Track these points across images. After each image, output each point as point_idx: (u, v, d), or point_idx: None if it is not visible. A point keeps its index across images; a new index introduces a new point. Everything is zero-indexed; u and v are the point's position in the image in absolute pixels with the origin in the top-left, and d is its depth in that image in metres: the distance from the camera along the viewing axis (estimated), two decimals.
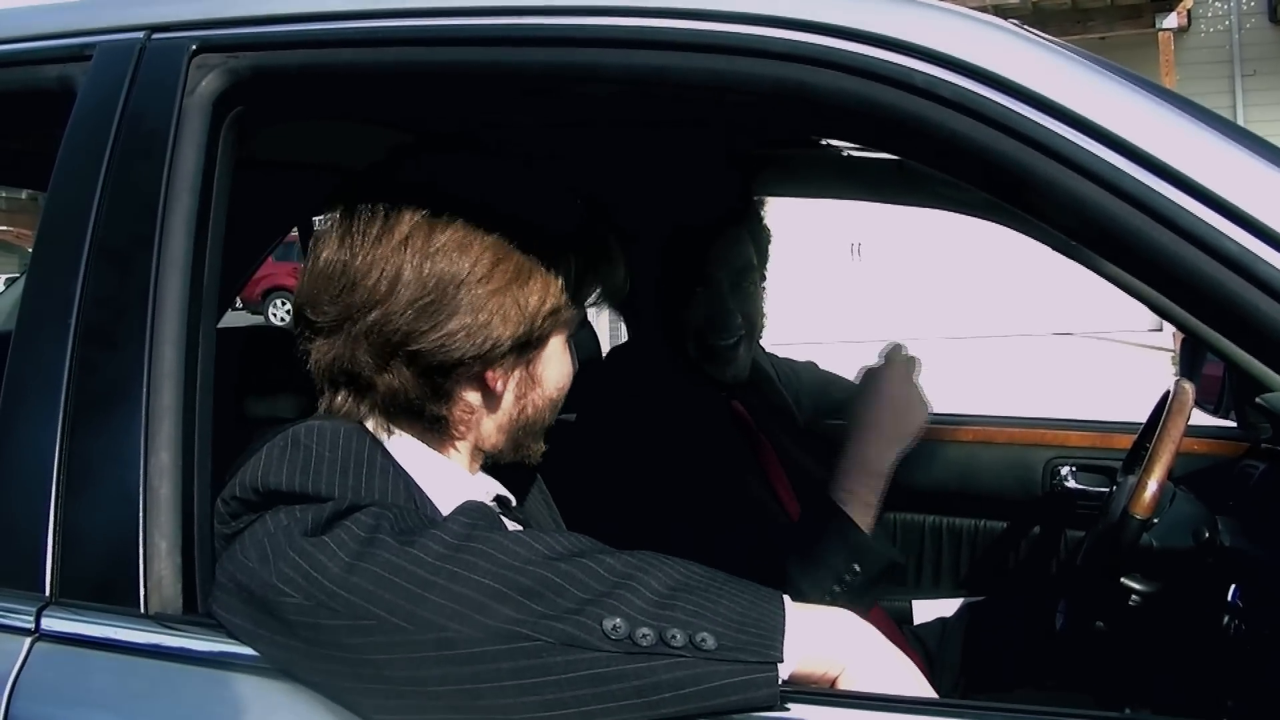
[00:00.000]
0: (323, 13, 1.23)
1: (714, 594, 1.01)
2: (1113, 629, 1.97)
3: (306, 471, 1.13)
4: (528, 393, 1.33)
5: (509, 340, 1.26)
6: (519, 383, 1.32)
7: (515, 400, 1.33)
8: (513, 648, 0.96)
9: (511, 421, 1.33)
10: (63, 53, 1.33)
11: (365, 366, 1.23)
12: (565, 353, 1.37)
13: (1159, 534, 1.88)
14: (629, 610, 0.97)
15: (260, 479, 1.12)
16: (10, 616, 1.12)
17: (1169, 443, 1.84)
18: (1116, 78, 1.01)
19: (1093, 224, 0.98)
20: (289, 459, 1.14)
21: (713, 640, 0.96)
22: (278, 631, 1.02)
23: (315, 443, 1.16)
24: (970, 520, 2.74)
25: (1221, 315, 0.96)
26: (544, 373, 1.34)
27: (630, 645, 0.96)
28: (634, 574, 1.01)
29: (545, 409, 1.35)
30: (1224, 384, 2.43)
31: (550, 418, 1.37)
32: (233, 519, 1.13)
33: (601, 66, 1.15)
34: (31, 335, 1.21)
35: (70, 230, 1.21)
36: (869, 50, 1.03)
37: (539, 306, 1.28)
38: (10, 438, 1.18)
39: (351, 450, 1.17)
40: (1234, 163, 0.96)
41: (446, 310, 1.22)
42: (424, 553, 1.00)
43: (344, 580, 0.99)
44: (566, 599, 0.98)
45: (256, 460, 1.14)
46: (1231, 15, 14.83)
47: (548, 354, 1.34)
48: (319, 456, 1.14)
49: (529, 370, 1.33)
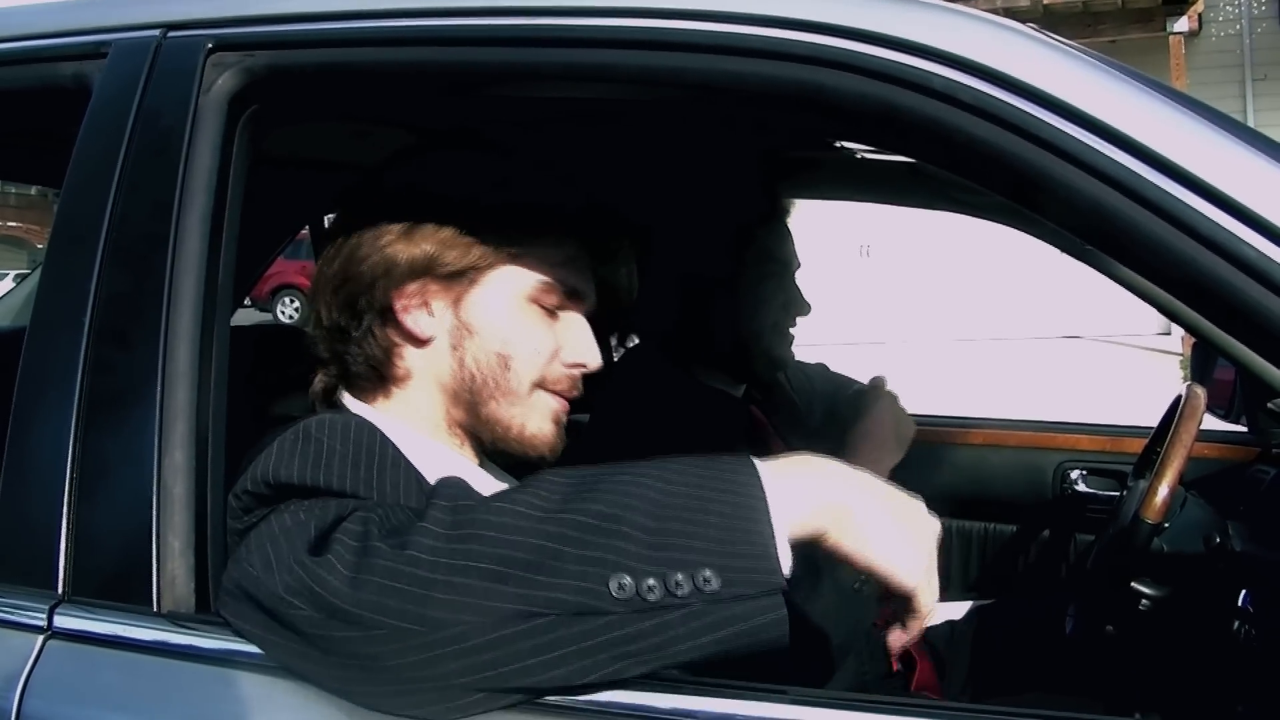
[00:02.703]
0: (339, 11, 1.23)
1: (698, 507, 0.99)
2: (1123, 633, 1.96)
3: (318, 465, 1.13)
4: (463, 340, 1.31)
5: (406, 260, 1.28)
6: (452, 331, 1.32)
7: (452, 350, 1.32)
8: (528, 627, 0.95)
9: (458, 380, 1.32)
10: (78, 50, 1.33)
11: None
12: (522, 311, 1.33)
13: (1170, 538, 1.87)
14: (629, 562, 0.96)
15: (272, 473, 1.12)
16: (23, 614, 1.12)
17: (1180, 447, 1.84)
18: (1134, 82, 1.01)
19: (1110, 229, 0.98)
20: (300, 453, 1.14)
21: (716, 579, 0.95)
22: (291, 639, 1.02)
23: (326, 436, 1.16)
24: (980, 523, 2.74)
25: (1238, 320, 0.96)
26: (479, 320, 1.31)
27: (639, 603, 0.95)
28: (620, 515, 0.98)
29: (495, 367, 1.31)
30: (1235, 389, 2.43)
31: (520, 390, 1.32)
32: (245, 514, 1.13)
33: (619, 68, 1.15)
34: (46, 333, 1.21)
35: (85, 228, 1.21)
36: (887, 54, 1.03)
37: (459, 242, 1.29)
38: (24, 436, 1.18)
39: (363, 444, 1.18)
40: (1252, 168, 0.95)
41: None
42: (419, 551, 0.99)
43: (349, 595, 0.98)
44: (567, 562, 0.96)
45: (268, 454, 1.14)
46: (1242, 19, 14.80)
47: (482, 298, 1.31)
48: (330, 450, 1.15)
49: (459, 313, 1.32)
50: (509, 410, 1.32)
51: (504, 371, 1.31)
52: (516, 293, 1.33)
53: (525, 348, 1.32)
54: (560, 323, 1.36)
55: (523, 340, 1.32)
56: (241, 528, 1.13)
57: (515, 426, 1.33)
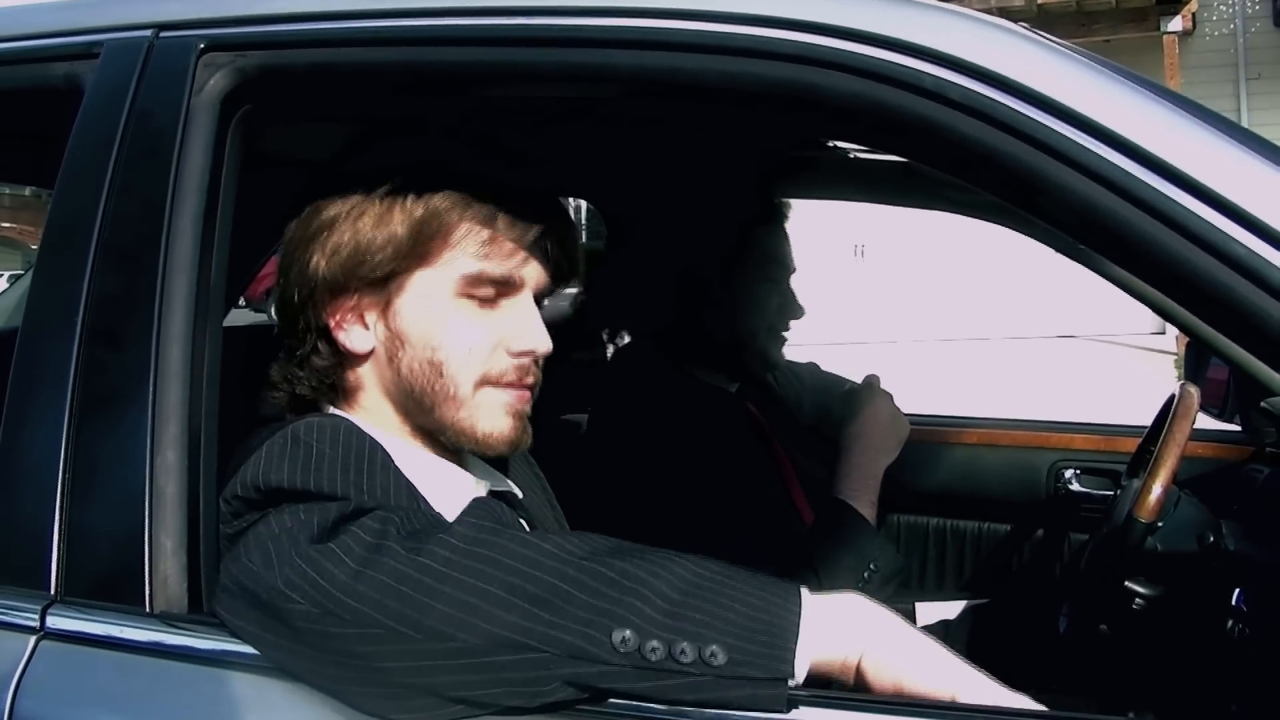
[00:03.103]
0: (331, 12, 1.23)
1: (727, 596, 0.99)
2: (1116, 632, 1.96)
3: (308, 469, 1.13)
4: (398, 351, 1.28)
5: (326, 278, 1.27)
6: (386, 342, 1.29)
7: (389, 362, 1.29)
8: (520, 658, 0.96)
9: (402, 391, 1.30)
10: (70, 50, 1.33)
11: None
12: (451, 310, 1.29)
13: (1163, 537, 1.87)
14: (639, 621, 0.96)
15: (262, 477, 1.12)
16: (15, 614, 1.12)
17: (1174, 446, 1.84)
18: (1126, 81, 1.01)
19: (1102, 228, 0.98)
20: (290, 456, 1.14)
21: (723, 655, 0.95)
22: (284, 636, 1.02)
23: (316, 439, 1.16)
24: (974, 523, 2.74)
25: (1230, 319, 0.96)
26: (408, 327, 1.28)
27: (639, 659, 0.95)
28: (645, 579, 0.99)
29: (429, 374, 1.28)
30: (1229, 388, 2.42)
31: (461, 392, 1.29)
32: (235, 518, 1.14)
33: (613, 67, 1.15)
34: (38, 334, 1.21)
35: (77, 229, 1.21)
36: (878, 52, 1.03)
37: (374, 241, 1.26)
38: (16, 436, 1.18)
39: (352, 446, 1.17)
40: (1244, 167, 0.96)
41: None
42: (431, 559, 0.99)
43: (351, 589, 0.99)
44: (575, 606, 0.97)
45: (257, 458, 1.15)
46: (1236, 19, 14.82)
47: (408, 304, 1.28)
48: (320, 454, 1.15)
49: (389, 322, 1.29)
50: (455, 414, 1.29)
51: (439, 378, 1.28)
52: (442, 292, 1.28)
53: (457, 348, 1.28)
54: (500, 311, 1.31)
55: (453, 341, 1.28)
56: (232, 532, 1.13)
57: (466, 429, 1.30)
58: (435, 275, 1.28)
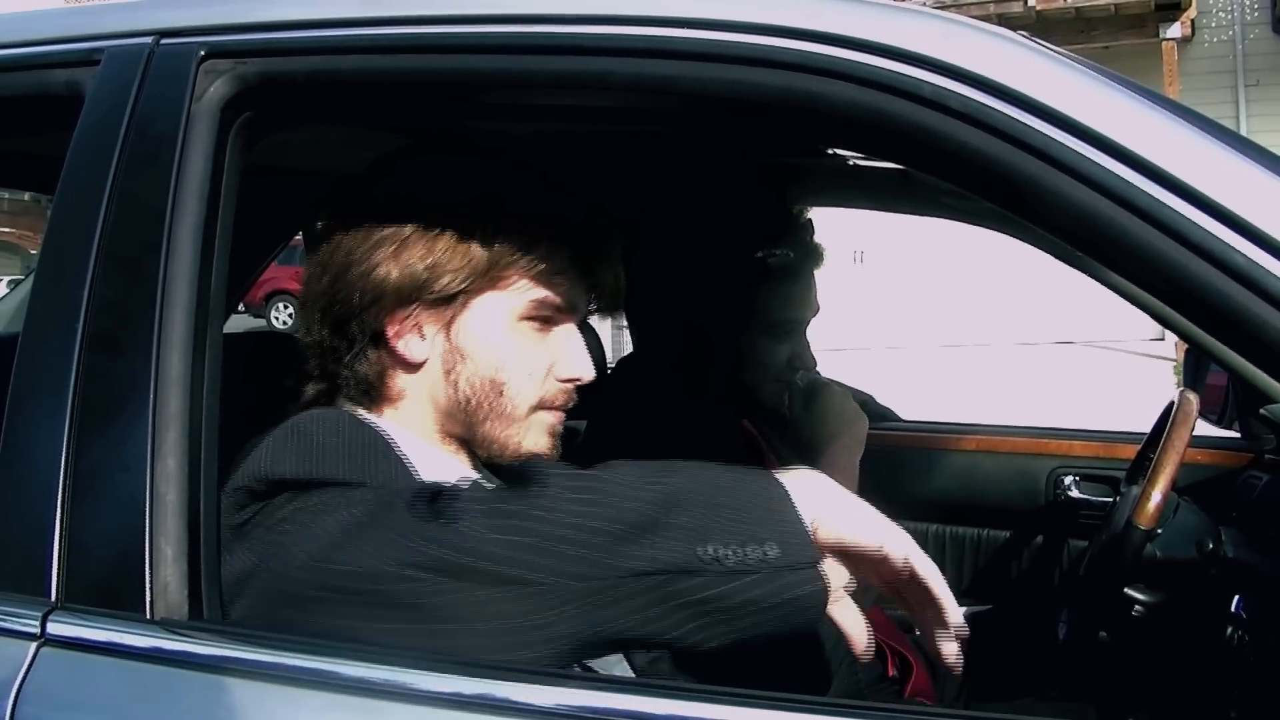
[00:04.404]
0: (332, 19, 1.23)
1: (744, 493, 1.05)
2: (1116, 639, 1.97)
3: (311, 459, 1.15)
4: (456, 365, 1.31)
5: (394, 287, 1.28)
6: (445, 355, 1.32)
7: (445, 374, 1.32)
8: (645, 585, 1.00)
9: (452, 402, 1.32)
10: (71, 57, 1.33)
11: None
12: (515, 332, 1.32)
13: (1162, 544, 1.88)
14: (709, 533, 1.01)
15: (267, 468, 1.15)
16: (16, 621, 1.12)
17: (1173, 453, 1.84)
18: (1125, 90, 1.01)
19: (1101, 236, 0.98)
20: (293, 447, 1.17)
21: (776, 549, 1.01)
22: (400, 619, 1.04)
23: (318, 429, 1.19)
24: (973, 530, 2.74)
25: (1228, 328, 0.96)
26: (472, 344, 1.31)
27: (721, 568, 1.00)
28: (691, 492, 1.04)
29: (488, 391, 1.31)
30: (1228, 395, 2.43)
31: (517, 412, 1.33)
32: (238, 510, 1.15)
33: (612, 75, 1.15)
34: (38, 340, 1.21)
35: (77, 235, 1.21)
36: (877, 61, 1.03)
37: (450, 262, 1.29)
38: (17, 443, 1.18)
39: (355, 437, 1.20)
40: (1243, 176, 0.96)
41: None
42: (546, 512, 1.03)
43: (489, 552, 1.02)
44: (668, 531, 1.01)
45: (260, 451, 1.17)
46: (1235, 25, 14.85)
47: (473, 322, 1.31)
48: (323, 444, 1.17)
49: (450, 337, 1.32)
50: (505, 431, 1.33)
51: (498, 397, 1.32)
52: (508, 313, 1.32)
53: (519, 371, 1.32)
54: (552, 336, 1.36)
55: (517, 364, 1.32)
56: (235, 524, 1.14)
57: (511, 445, 1.34)
58: (502, 298, 1.32)
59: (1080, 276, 2.09)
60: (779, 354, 2.03)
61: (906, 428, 2.93)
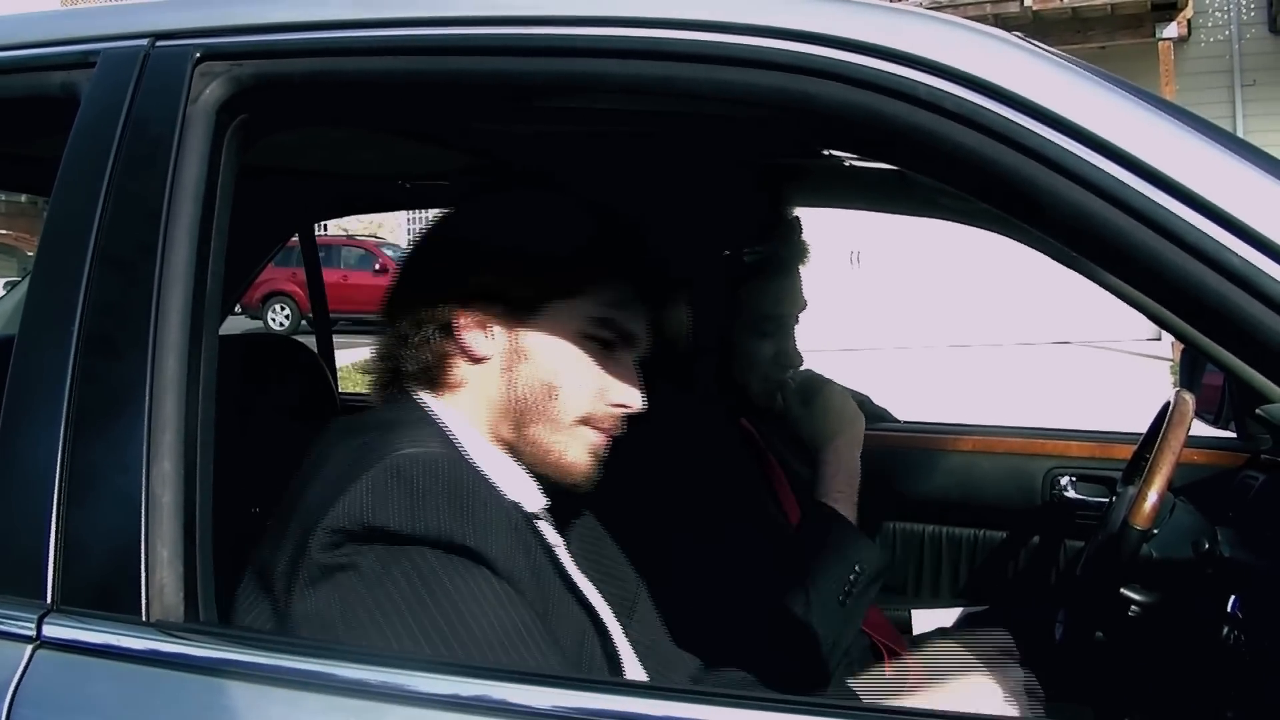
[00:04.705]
0: (327, 21, 1.23)
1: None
2: (1112, 639, 1.97)
3: (414, 508, 1.18)
4: (516, 364, 1.37)
5: (473, 287, 1.37)
6: (506, 354, 1.38)
7: (503, 372, 1.38)
8: None
9: (505, 400, 1.37)
10: (67, 60, 1.32)
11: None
12: (576, 346, 1.39)
13: (1159, 544, 1.88)
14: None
15: (369, 515, 1.17)
16: (11, 623, 1.12)
17: (1169, 453, 1.84)
18: (1120, 91, 1.01)
19: (1096, 237, 0.98)
20: (395, 493, 1.18)
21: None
22: None
23: (419, 474, 1.21)
24: (970, 530, 2.75)
25: (1224, 328, 0.96)
26: (533, 348, 1.37)
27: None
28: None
29: (541, 395, 1.37)
30: (1224, 395, 2.43)
31: (564, 421, 1.38)
32: (334, 549, 1.17)
33: (607, 77, 1.15)
34: (34, 342, 1.21)
35: (73, 237, 1.21)
36: (873, 62, 1.03)
37: (531, 274, 1.38)
38: (12, 444, 1.18)
39: (453, 477, 1.22)
40: (1237, 176, 0.96)
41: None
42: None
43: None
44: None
45: (360, 491, 1.18)
46: (1231, 25, 14.87)
47: (539, 328, 1.38)
48: (425, 490, 1.19)
49: (515, 337, 1.38)
50: (551, 436, 1.38)
51: (550, 400, 1.38)
52: (572, 327, 1.39)
53: (573, 382, 1.38)
54: (610, 361, 1.42)
55: (571, 375, 1.38)
56: (326, 563, 1.17)
57: (555, 452, 1.39)
58: (571, 308, 1.39)
59: (1076, 277, 2.09)
60: (765, 350, 2.03)
61: (903, 428, 2.93)
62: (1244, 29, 14.82)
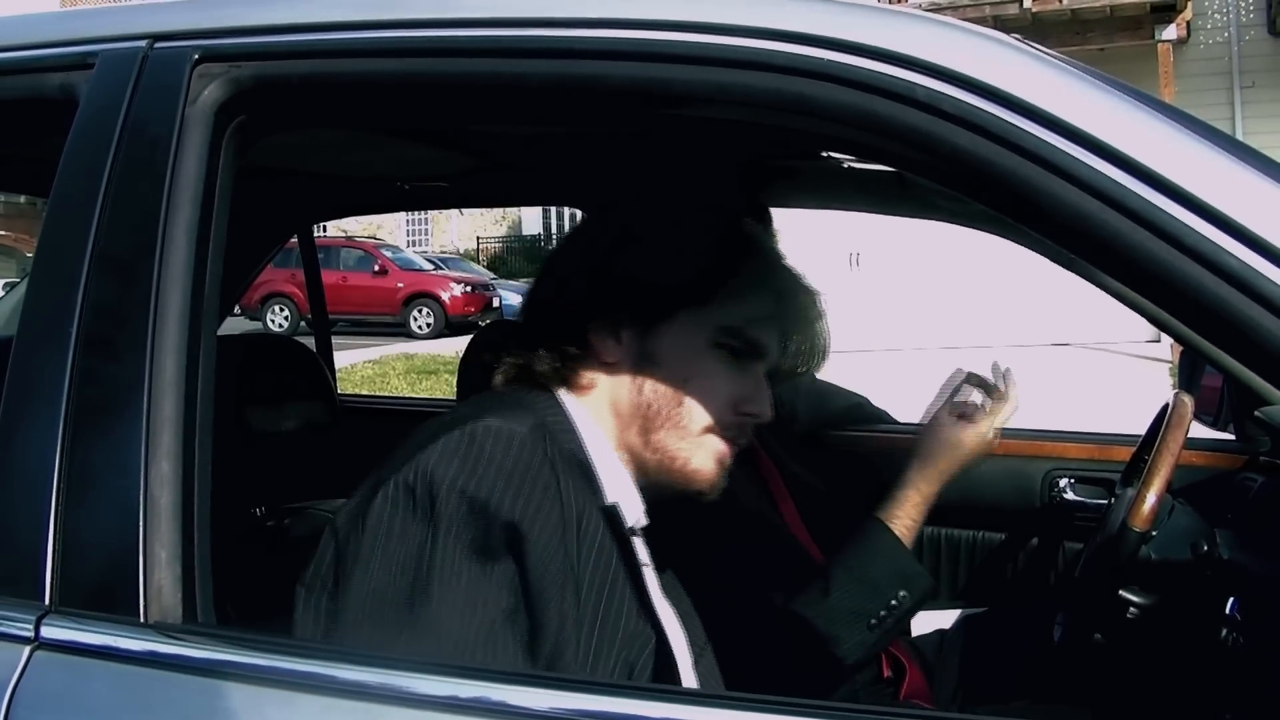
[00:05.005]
0: (325, 23, 1.23)
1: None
2: (1111, 641, 1.96)
3: (473, 470, 1.20)
4: (644, 370, 1.39)
5: (614, 282, 1.39)
6: (636, 359, 1.39)
7: (632, 377, 1.39)
8: None
9: (632, 406, 1.39)
10: (65, 61, 1.32)
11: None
12: (706, 354, 1.40)
13: (1157, 546, 1.88)
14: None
15: (431, 468, 1.20)
16: (9, 624, 1.12)
17: (1168, 455, 1.84)
18: (1119, 93, 1.01)
19: (1094, 239, 0.98)
20: (461, 454, 1.21)
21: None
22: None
23: (491, 443, 1.22)
24: (968, 531, 2.74)
25: (1222, 330, 0.96)
26: (663, 354, 1.39)
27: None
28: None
29: (669, 401, 1.38)
30: (1223, 397, 2.43)
31: (691, 428, 1.39)
32: (389, 496, 1.21)
33: (604, 78, 1.15)
34: (32, 343, 1.21)
35: (72, 238, 1.21)
36: (871, 64, 1.03)
37: (655, 283, 1.39)
38: (10, 445, 1.18)
39: (523, 460, 1.22)
40: (1235, 179, 0.96)
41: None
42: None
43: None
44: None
45: (432, 448, 1.22)
46: (1231, 27, 14.87)
47: (670, 335, 1.39)
48: (489, 458, 1.21)
49: (644, 344, 1.39)
50: (678, 443, 1.39)
51: (677, 407, 1.39)
52: (702, 336, 1.40)
53: (701, 390, 1.39)
54: (739, 373, 1.42)
55: (699, 383, 1.39)
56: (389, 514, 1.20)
57: (681, 459, 1.40)
58: (701, 318, 1.40)
59: (1075, 279, 2.09)
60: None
61: (903, 429, 2.93)
62: (1243, 31, 14.83)
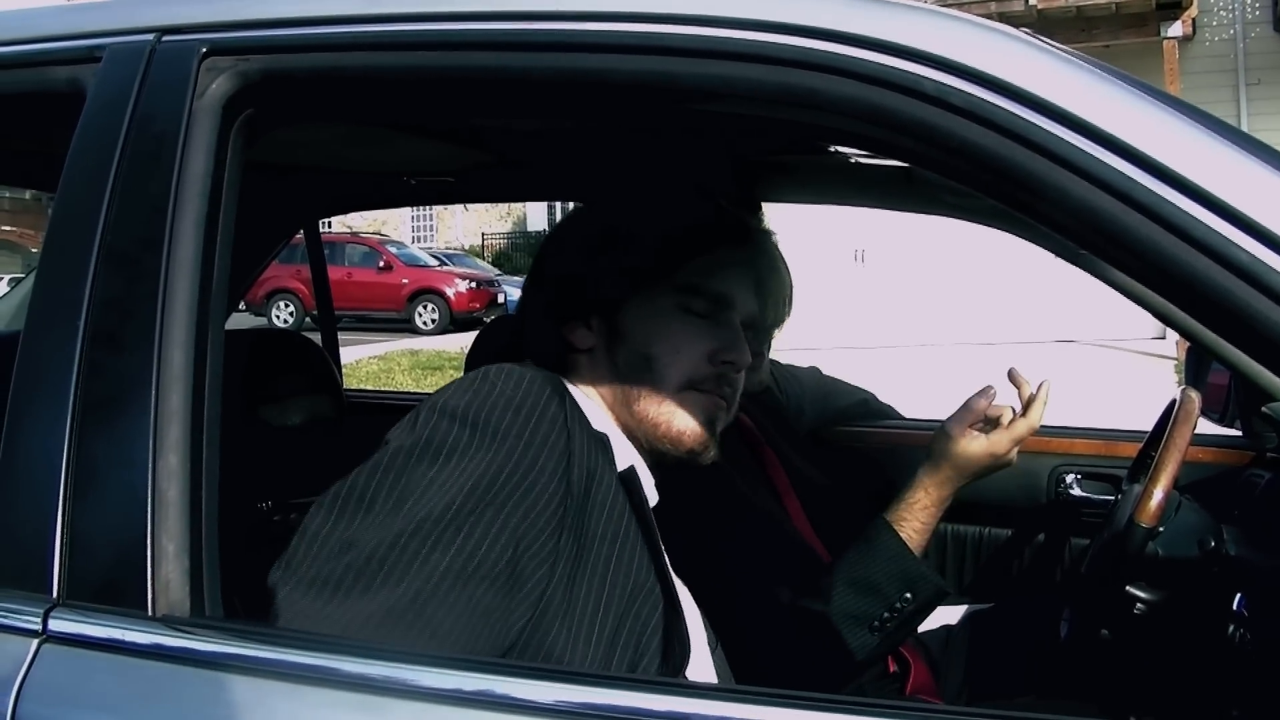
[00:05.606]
0: (333, 16, 1.23)
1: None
2: (1117, 637, 1.96)
3: (484, 401, 1.25)
4: (616, 347, 1.45)
5: (565, 283, 1.47)
6: (607, 337, 1.46)
7: (607, 354, 1.46)
8: None
9: (613, 382, 1.45)
10: (73, 54, 1.33)
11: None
12: (669, 316, 1.45)
13: (1164, 542, 1.87)
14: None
15: (444, 401, 1.26)
16: (17, 618, 1.12)
17: (1175, 451, 1.84)
18: (1128, 86, 1.01)
19: (1104, 233, 0.98)
20: (474, 389, 1.27)
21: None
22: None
23: (503, 380, 1.28)
24: (975, 528, 2.74)
25: (1231, 324, 0.96)
26: (631, 330, 1.45)
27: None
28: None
29: (638, 367, 1.43)
30: (1230, 393, 2.42)
31: (666, 388, 1.43)
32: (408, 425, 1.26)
33: (611, 72, 1.15)
34: (40, 337, 1.21)
35: (79, 232, 1.21)
36: (879, 57, 1.03)
37: (603, 267, 1.45)
38: (18, 439, 1.18)
39: (532, 393, 1.28)
40: (1245, 172, 0.95)
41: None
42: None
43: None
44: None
45: (450, 386, 1.29)
46: (1236, 24, 14.84)
47: (632, 307, 1.45)
48: (500, 392, 1.27)
49: (612, 325, 1.46)
50: (657, 408, 1.43)
51: (646, 371, 1.43)
52: (664, 303, 1.46)
53: (667, 348, 1.44)
54: (710, 325, 1.47)
55: (665, 343, 1.44)
56: (406, 449, 1.23)
57: (663, 423, 1.43)
58: (657, 286, 1.46)
59: (1082, 275, 2.08)
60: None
61: (908, 425, 2.93)
62: (1249, 28, 14.80)
